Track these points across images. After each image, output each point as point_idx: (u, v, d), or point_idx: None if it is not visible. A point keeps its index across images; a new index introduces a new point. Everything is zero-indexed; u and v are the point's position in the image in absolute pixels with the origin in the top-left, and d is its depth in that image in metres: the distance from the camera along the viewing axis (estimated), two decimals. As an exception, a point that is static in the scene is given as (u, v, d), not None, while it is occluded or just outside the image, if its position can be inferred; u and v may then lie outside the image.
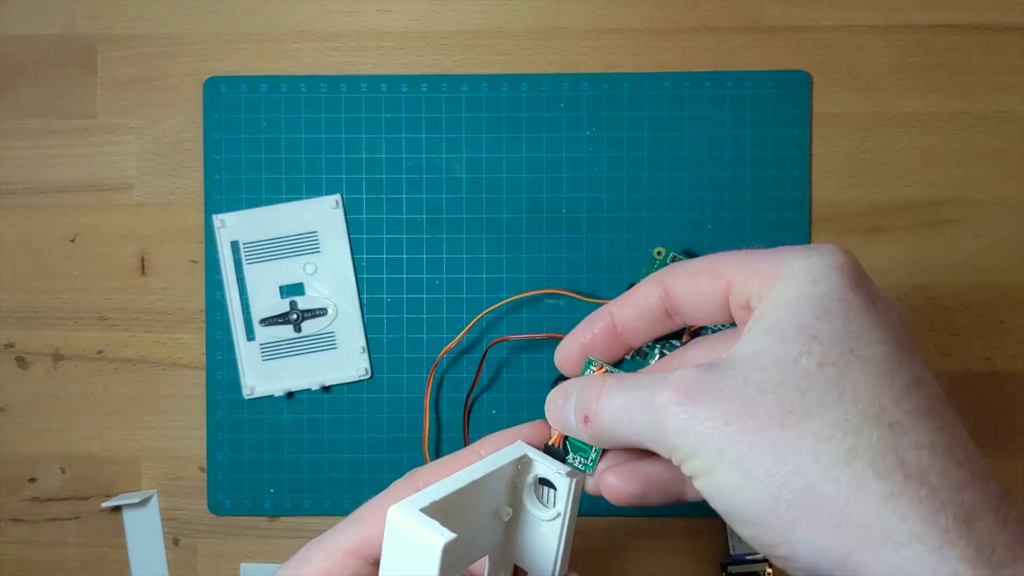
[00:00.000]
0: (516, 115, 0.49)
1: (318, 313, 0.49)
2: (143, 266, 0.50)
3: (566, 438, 0.33)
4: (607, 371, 0.32)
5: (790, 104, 0.49)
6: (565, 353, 0.33)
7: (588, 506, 0.49)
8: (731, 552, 0.49)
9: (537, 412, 0.40)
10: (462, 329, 0.48)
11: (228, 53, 0.50)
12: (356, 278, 0.49)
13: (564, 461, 0.33)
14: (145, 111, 0.50)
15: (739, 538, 0.49)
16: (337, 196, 0.49)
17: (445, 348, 0.48)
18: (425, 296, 0.49)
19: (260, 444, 0.49)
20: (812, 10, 0.49)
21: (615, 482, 0.32)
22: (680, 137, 0.49)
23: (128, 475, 0.50)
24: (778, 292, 0.27)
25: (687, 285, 0.30)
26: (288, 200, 0.49)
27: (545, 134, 0.49)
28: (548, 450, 0.33)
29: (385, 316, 0.49)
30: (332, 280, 0.49)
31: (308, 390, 0.49)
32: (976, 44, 0.49)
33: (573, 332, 0.33)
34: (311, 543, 0.32)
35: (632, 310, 0.31)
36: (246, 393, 0.49)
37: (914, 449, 0.24)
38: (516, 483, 0.32)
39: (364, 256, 0.49)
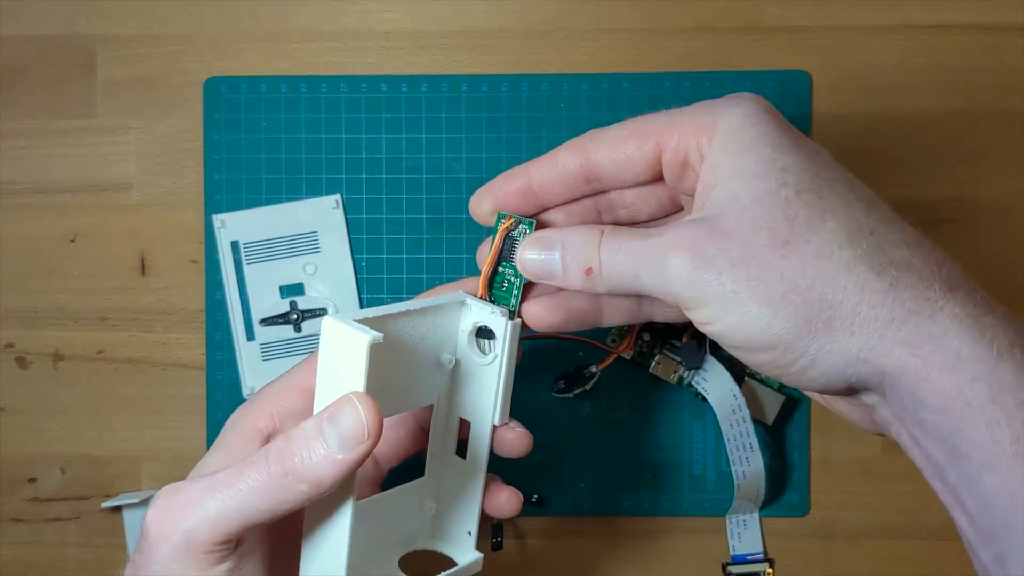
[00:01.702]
0: (516, 115, 0.49)
1: (318, 313, 0.49)
2: (143, 266, 0.50)
3: (490, 290, 0.35)
4: (515, 220, 0.34)
5: (790, 104, 0.49)
6: (479, 206, 0.35)
7: (588, 507, 0.49)
8: (731, 552, 0.49)
9: (537, 412, 0.40)
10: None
11: (228, 53, 0.50)
12: (356, 278, 0.49)
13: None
14: (145, 111, 0.50)
15: (739, 538, 0.49)
16: (337, 196, 0.49)
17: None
18: (425, 296, 0.49)
19: (260, 444, 0.49)
20: (812, 10, 0.49)
21: (539, 311, 0.34)
22: (680, 137, 0.49)
23: (128, 475, 0.50)
24: (724, 138, 0.29)
25: (612, 151, 0.32)
26: (288, 200, 0.49)
27: (545, 134, 0.49)
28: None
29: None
30: (332, 280, 0.49)
31: (308, 390, 0.49)
32: (976, 44, 0.49)
33: (487, 186, 0.34)
34: (265, 385, 0.34)
35: (551, 174, 0.33)
36: (246, 393, 0.49)
37: (895, 248, 0.28)
38: (459, 331, 0.34)
39: (364, 256, 0.49)
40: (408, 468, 0.37)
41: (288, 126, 0.49)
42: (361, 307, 0.49)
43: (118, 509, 0.50)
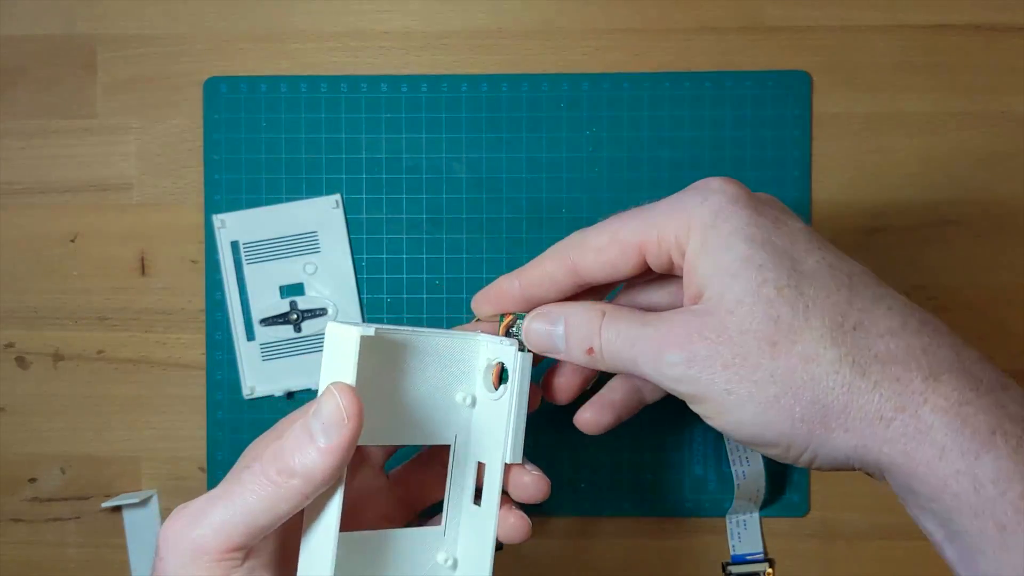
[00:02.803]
0: (516, 115, 0.49)
1: (318, 313, 0.49)
2: (143, 266, 0.50)
3: (508, 331, 0.35)
4: (513, 316, 0.35)
5: (790, 104, 0.49)
6: (479, 310, 0.36)
7: (589, 506, 0.49)
8: (731, 552, 0.49)
9: (537, 412, 0.40)
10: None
11: (228, 53, 0.50)
12: (356, 278, 0.49)
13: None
14: (145, 111, 0.50)
15: (739, 538, 0.49)
16: (337, 196, 0.49)
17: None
18: (425, 296, 0.49)
19: (260, 444, 0.49)
20: (812, 10, 0.49)
21: (592, 417, 0.37)
22: (680, 137, 0.49)
23: (128, 475, 0.50)
24: (699, 237, 0.30)
25: (597, 262, 0.33)
26: (288, 200, 0.49)
27: (545, 134, 0.49)
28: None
29: (385, 316, 0.49)
30: (332, 280, 0.49)
31: (308, 390, 0.49)
32: (976, 44, 0.49)
33: (484, 292, 0.36)
34: (281, 420, 0.35)
35: (541, 282, 0.34)
36: (246, 393, 0.49)
37: (879, 339, 0.28)
38: (473, 370, 0.34)
39: (364, 256, 0.49)
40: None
41: (288, 126, 0.49)
42: (361, 307, 0.49)
43: (118, 509, 0.50)
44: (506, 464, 0.34)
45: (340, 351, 0.30)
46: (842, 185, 0.49)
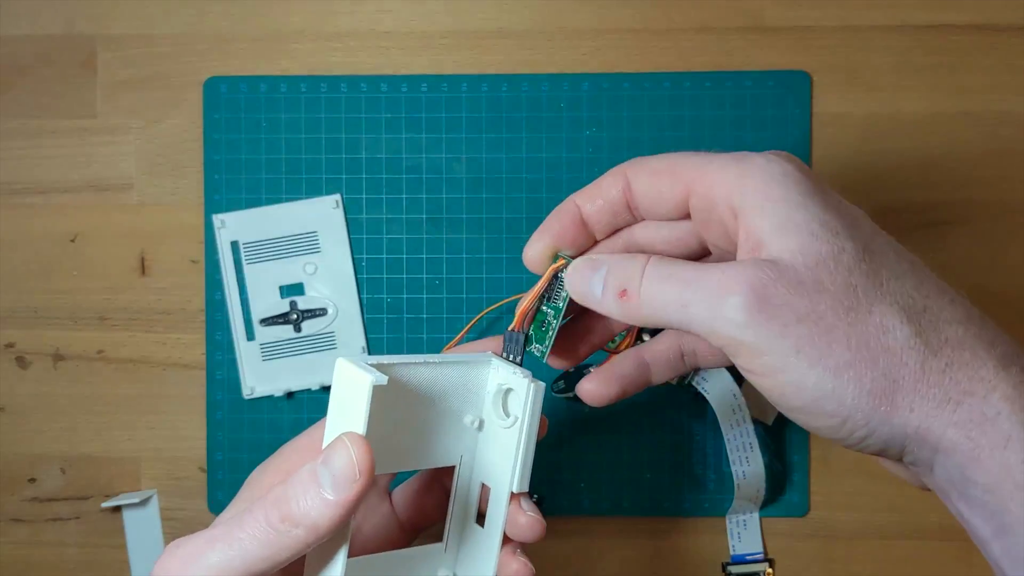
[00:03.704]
0: (516, 115, 0.49)
1: (318, 313, 0.49)
2: (143, 266, 0.50)
3: (530, 325, 0.34)
4: (566, 260, 0.33)
5: (790, 104, 0.49)
6: (537, 248, 0.34)
7: (588, 505, 0.49)
8: (731, 552, 0.49)
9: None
10: (462, 329, 0.48)
11: (228, 53, 0.50)
12: (356, 278, 0.49)
13: (524, 349, 0.34)
14: (145, 111, 0.50)
15: (739, 538, 0.49)
16: (337, 196, 0.49)
17: (445, 348, 0.48)
18: (425, 296, 0.49)
19: (260, 444, 0.49)
20: (813, 10, 0.49)
21: (593, 387, 0.34)
22: (680, 137, 0.49)
23: (128, 475, 0.50)
24: (764, 191, 0.28)
25: (648, 183, 0.31)
26: (288, 200, 0.49)
27: (545, 134, 0.49)
28: (508, 336, 0.34)
29: (385, 316, 0.49)
30: (332, 280, 0.49)
31: (308, 390, 0.49)
32: (976, 44, 0.49)
33: (542, 227, 0.34)
34: (285, 445, 0.34)
35: (597, 202, 0.33)
36: (246, 393, 0.49)
37: (948, 325, 0.28)
38: (484, 393, 0.34)
39: (364, 256, 0.49)
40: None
41: (288, 126, 0.49)
42: (361, 307, 0.49)
43: (118, 509, 0.50)
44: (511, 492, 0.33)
45: (351, 395, 0.29)
46: (842, 185, 0.49)
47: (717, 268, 0.28)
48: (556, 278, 0.33)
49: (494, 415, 0.33)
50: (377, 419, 0.28)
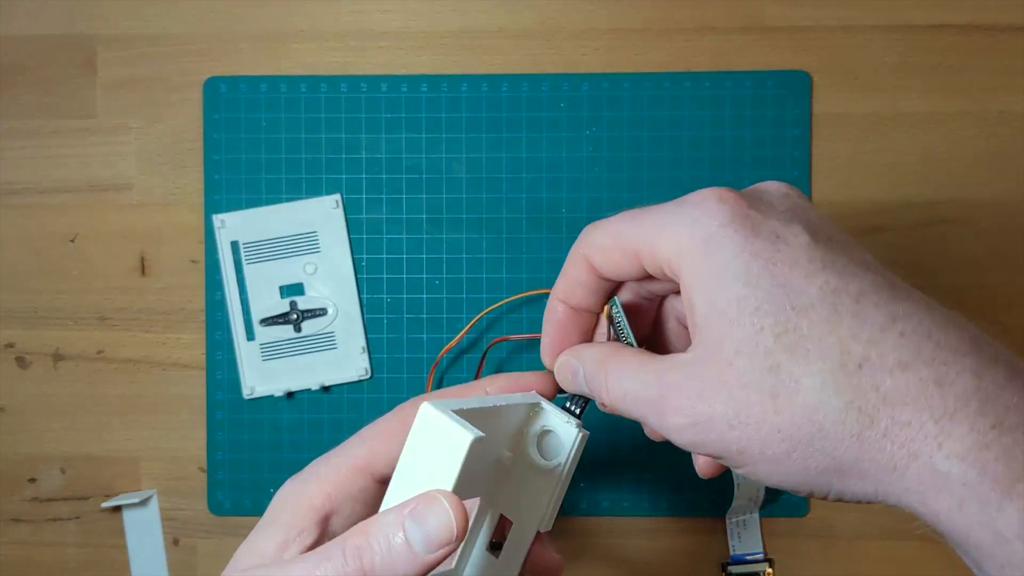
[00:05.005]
0: (516, 115, 0.49)
1: (318, 313, 0.49)
2: (143, 266, 0.50)
3: (611, 318, 0.34)
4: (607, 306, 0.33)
5: (790, 104, 0.49)
6: (549, 363, 0.34)
7: (587, 505, 0.49)
8: (731, 552, 0.49)
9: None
10: (462, 329, 0.48)
11: (228, 53, 0.50)
12: (356, 278, 0.49)
13: (589, 403, 0.34)
14: (145, 111, 0.50)
15: (739, 538, 0.49)
16: (337, 196, 0.49)
17: (445, 348, 0.48)
18: (425, 296, 0.49)
19: (260, 444, 0.49)
20: (813, 10, 0.49)
21: (706, 467, 0.34)
22: (680, 137, 0.49)
23: (128, 475, 0.50)
24: (691, 269, 0.28)
25: (603, 260, 0.31)
26: (288, 200, 0.49)
27: (545, 134, 0.49)
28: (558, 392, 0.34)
29: (385, 316, 0.49)
30: (332, 280, 0.49)
31: (308, 390, 0.49)
32: (976, 44, 0.49)
33: (543, 341, 0.34)
34: (317, 460, 0.33)
35: (576, 290, 0.33)
36: (246, 393, 0.49)
37: (888, 375, 0.26)
38: (523, 430, 0.33)
39: (364, 256, 0.49)
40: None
41: (288, 126, 0.49)
42: (361, 307, 0.49)
43: (118, 509, 0.50)
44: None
45: (442, 448, 0.28)
46: (842, 185, 0.49)
47: (659, 378, 0.29)
48: (611, 320, 0.33)
49: (532, 454, 0.33)
50: (465, 472, 0.28)
